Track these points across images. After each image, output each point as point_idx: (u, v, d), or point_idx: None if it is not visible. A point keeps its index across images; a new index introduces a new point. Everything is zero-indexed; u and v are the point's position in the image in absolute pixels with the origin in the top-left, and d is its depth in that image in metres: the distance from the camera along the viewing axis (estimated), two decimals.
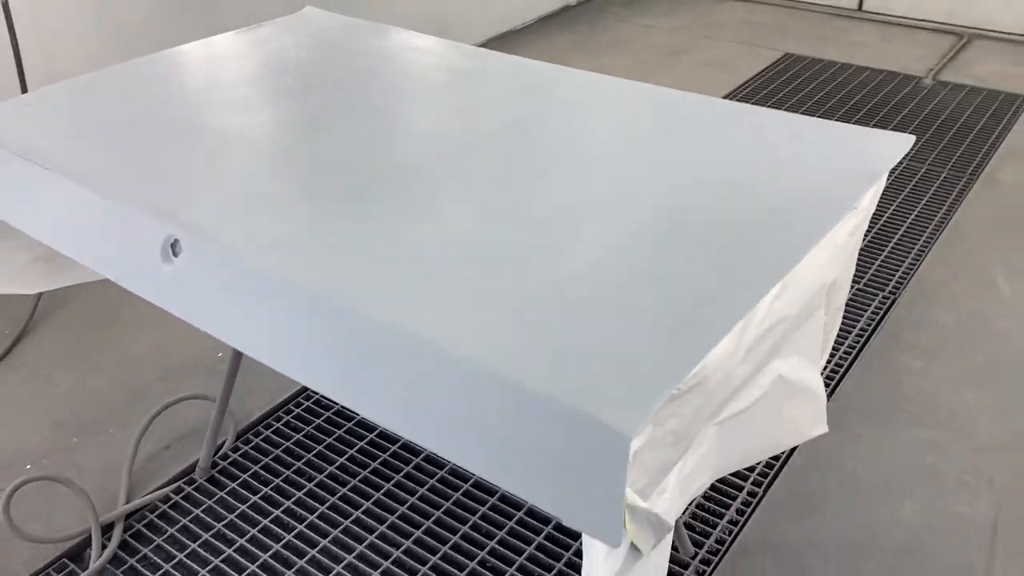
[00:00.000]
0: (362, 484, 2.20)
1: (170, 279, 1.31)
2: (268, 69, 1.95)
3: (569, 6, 5.82)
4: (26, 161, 1.52)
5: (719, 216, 1.31)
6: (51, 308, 2.91)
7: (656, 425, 1.05)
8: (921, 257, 3.12)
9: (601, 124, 1.65)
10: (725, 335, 1.09)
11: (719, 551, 2.03)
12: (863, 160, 1.46)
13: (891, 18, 5.45)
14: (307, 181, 1.47)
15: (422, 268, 1.20)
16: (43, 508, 2.16)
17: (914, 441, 2.34)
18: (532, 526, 2.08)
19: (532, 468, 0.98)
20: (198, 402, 2.49)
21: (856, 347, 2.68)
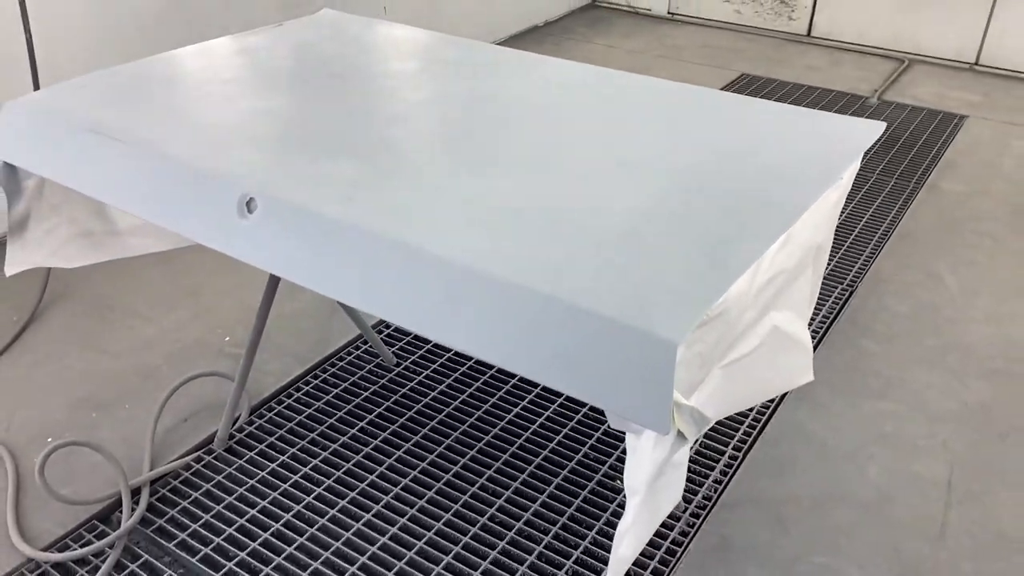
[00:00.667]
0: (373, 452, 2.36)
1: (246, 233, 1.47)
2: (298, 58, 2.12)
3: (536, 27, 6.08)
4: (99, 134, 1.67)
5: (728, 180, 1.53)
6: (56, 297, 3.00)
7: (688, 347, 1.25)
8: (875, 255, 3.40)
9: (617, 107, 1.87)
10: (744, 272, 1.29)
11: (706, 505, 2.23)
12: (843, 141, 1.70)
13: (838, 43, 5.82)
14: (365, 144, 1.65)
15: (478, 216, 1.39)
16: (70, 475, 2.26)
17: (875, 412, 2.58)
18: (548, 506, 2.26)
19: (595, 375, 1.17)
20: (211, 381, 2.62)
21: (819, 332, 2.93)
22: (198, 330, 2.87)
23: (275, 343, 2.80)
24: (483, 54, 2.19)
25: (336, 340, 2.83)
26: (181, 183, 1.55)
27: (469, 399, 2.57)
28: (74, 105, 1.82)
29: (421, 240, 1.33)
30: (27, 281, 2.95)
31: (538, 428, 2.46)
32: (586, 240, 1.34)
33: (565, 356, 1.19)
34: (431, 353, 2.77)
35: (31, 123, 1.79)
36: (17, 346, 2.77)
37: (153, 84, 1.94)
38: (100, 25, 3.34)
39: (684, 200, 1.47)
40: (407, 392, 2.60)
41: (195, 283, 3.11)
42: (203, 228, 1.51)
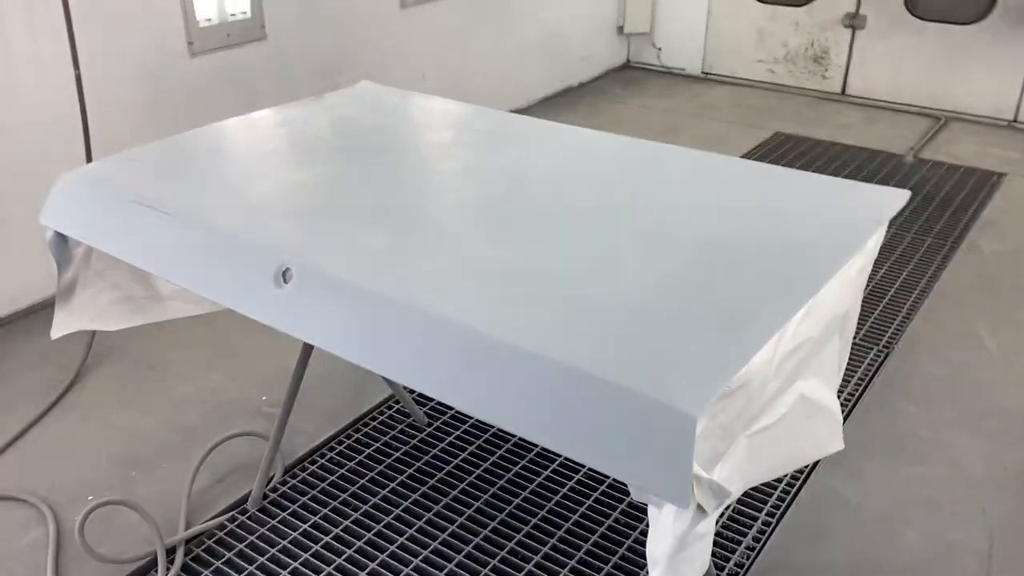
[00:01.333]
0: (403, 514, 2.37)
1: (282, 303, 1.52)
2: (336, 130, 2.20)
3: (571, 88, 6.20)
4: (143, 206, 1.75)
5: (749, 250, 1.55)
6: (99, 358, 3.09)
7: (710, 419, 1.26)
8: (911, 315, 3.37)
9: (643, 176, 1.91)
10: (765, 343, 1.31)
11: (738, 573, 2.20)
12: (868, 209, 1.71)
13: (873, 101, 5.84)
14: (398, 216, 1.71)
15: (508, 287, 1.43)
16: (108, 533, 2.31)
17: (912, 477, 2.54)
18: (568, 552, 2.25)
19: (614, 446, 1.19)
20: (246, 440, 2.66)
21: (855, 395, 2.90)
22: (235, 390, 2.93)
23: (309, 403, 2.85)
24: (513, 125, 2.26)
25: (368, 400, 2.87)
26: (220, 253, 1.62)
27: (499, 461, 2.58)
28: (121, 178, 1.91)
29: (447, 311, 1.37)
30: (72, 342, 3.03)
31: (566, 494, 2.46)
32: (608, 310, 1.37)
33: (585, 427, 1.21)
34: (461, 413, 2.79)
35: (81, 195, 1.88)
36: (62, 404, 2.85)
37: (197, 156, 2.03)
38: (150, 98, 3.49)
39: (706, 270, 1.49)
40: (437, 453, 2.62)
41: (232, 344, 3.18)
42: (240, 297, 1.57)
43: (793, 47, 6.03)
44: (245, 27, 3.80)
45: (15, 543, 2.30)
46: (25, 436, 2.70)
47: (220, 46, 3.70)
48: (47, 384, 2.94)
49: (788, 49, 6.05)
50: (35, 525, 2.35)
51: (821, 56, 5.94)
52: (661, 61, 6.60)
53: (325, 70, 4.22)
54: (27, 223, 3.22)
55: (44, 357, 3.08)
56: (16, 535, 2.32)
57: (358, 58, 4.41)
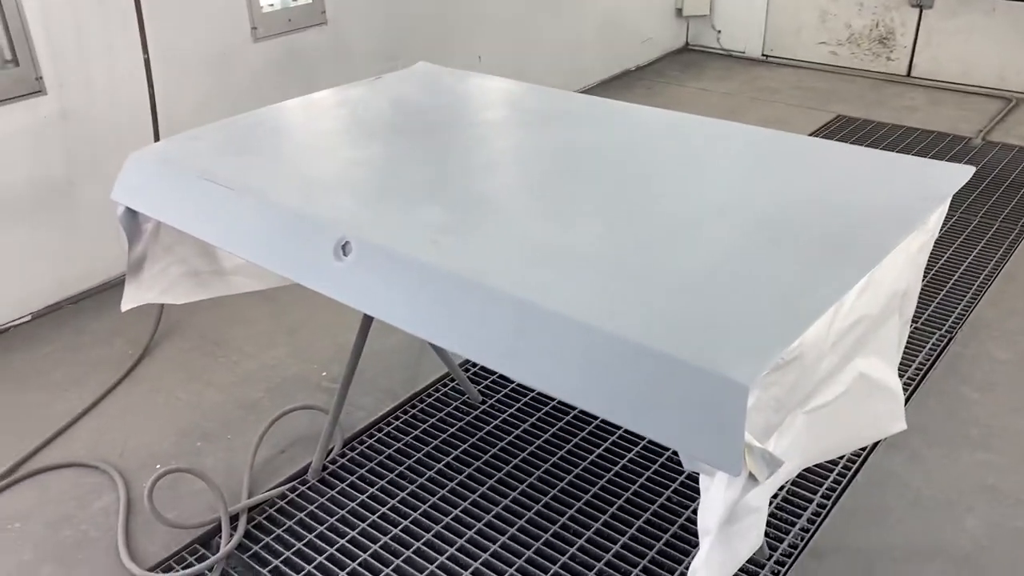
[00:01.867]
0: (458, 487, 2.41)
1: (341, 275, 1.56)
2: (394, 109, 2.24)
3: (628, 71, 6.16)
4: (209, 182, 1.81)
5: (808, 225, 1.54)
6: (167, 333, 3.20)
7: (763, 390, 1.26)
8: (976, 300, 3.29)
9: (699, 153, 1.91)
10: (820, 316, 1.30)
11: (792, 553, 2.19)
12: (929, 185, 1.68)
13: (940, 83, 5.68)
14: (454, 192, 1.73)
15: (562, 261, 1.44)
16: (175, 500, 2.40)
17: (975, 463, 2.49)
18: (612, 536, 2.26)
19: (667, 415, 1.20)
20: (306, 414, 2.74)
21: (916, 379, 2.84)
22: (296, 366, 3.01)
23: (367, 379, 2.91)
24: (569, 103, 2.26)
25: (425, 377, 2.92)
26: (282, 227, 1.66)
27: (552, 437, 2.60)
28: (188, 155, 1.98)
29: (502, 283, 1.39)
30: (141, 319, 3.15)
31: (620, 470, 2.47)
32: (663, 283, 1.38)
33: (638, 396, 1.23)
34: (515, 392, 2.82)
35: (150, 172, 1.95)
36: (131, 378, 2.96)
37: (260, 135, 2.09)
38: (215, 82, 3.58)
39: (762, 245, 1.49)
40: (492, 429, 2.65)
41: (294, 321, 3.26)
42: (301, 269, 1.62)
43: (857, 28, 5.89)
44: (306, 12, 3.86)
45: (88, 507, 2.40)
46: (97, 407, 2.81)
47: (282, 31, 3.78)
48: (117, 358, 3.05)
49: (852, 31, 5.91)
50: (106, 491, 2.46)
51: (886, 37, 5.79)
52: (720, 44, 6.51)
53: (383, 54, 4.27)
54: (98, 202, 3.35)
55: (114, 332, 3.20)
56: (89, 500, 2.43)
57: (416, 42, 4.45)
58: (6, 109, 3.01)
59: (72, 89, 3.16)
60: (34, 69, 3.05)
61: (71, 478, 2.51)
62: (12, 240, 3.16)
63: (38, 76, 3.06)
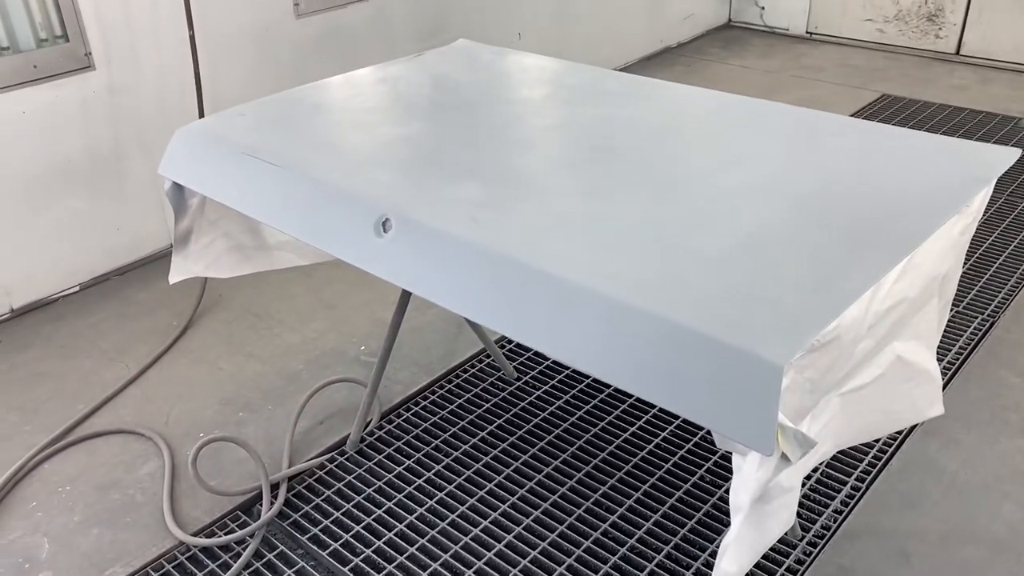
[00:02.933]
0: (492, 461, 2.45)
1: (382, 251, 1.59)
2: (434, 86, 2.26)
3: (669, 48, 6.10)
4: (254, 158, 1.84)
5: (848, 206, 1.53)
6: (210, 306, 3.27)
7: (798, 372, 1.27)
8: (1020, 285, 3.24)
9: (739, 132, 1.90)
10: (857, 298, 1.30)
11: (824, 535, 2.20)
12: (973, 168, 1.66)
13: (990, 61, 5.54)
14: (493, 169, 1.75)
15: (599, 238, 1.46)
16: (218, 468, 2.47)
17: (1013, 449, 2.47)
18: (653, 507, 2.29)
19: (701, 394, 1.22)
20: (345, 386, 2.79)
21: (956, 363, 2.81)
22: (335, 340, 3.06)
23: (404, 354, 2.95)
24: (607, 81, 2.26)
25: (461, 353, 2.95)
26: (325, 204, 1.70)
27: (586, 415, 2.62)
28: (233, 132, 2.01)
29: (539, 260, 1.41)
30: (185, 291, 3.23)
31: (653, 448, 2.49)
32: (700, 262, 1.39)
33: (673, 375, 1.24)
34: (550, 369, 2.84)
35: (196, 148, 2.00)
36: (175, 348, 3.03)
37: (303, 112, 2.12)
38: (258, 57, 3.62)
39: (801, 226, 1.49)
40: (526, 406, 2.68)
41: (333, 296, 3.31)
42: (343, 245, 1.65)
43: (905, 5, 5.76)
44: None
45: (135, 472, 2.48)
46: (143, 375, 2.89)
47: (325, 7, 3.80)
48: (163, 329, 3.13)
49: (900, 7, 5.79)
50: (152, 457, 2.53)
51: (935, 14, 5.66)
52: (764, 20, 6.41)
53: (424, 30, 4.28)
54: (145, 176, 3.42)
55: (159, 304, 3.27)
56: (135, 465, 2.51)
57: (456, 18, 4.45)
58: (57, 84, 3.08)
59: (120, 65, 3.22)
60: (84, 45, 3.11)
61: (118, 444, 2.59)
62: (62, 212, 3.24)
63: (87, 52, 3.13)
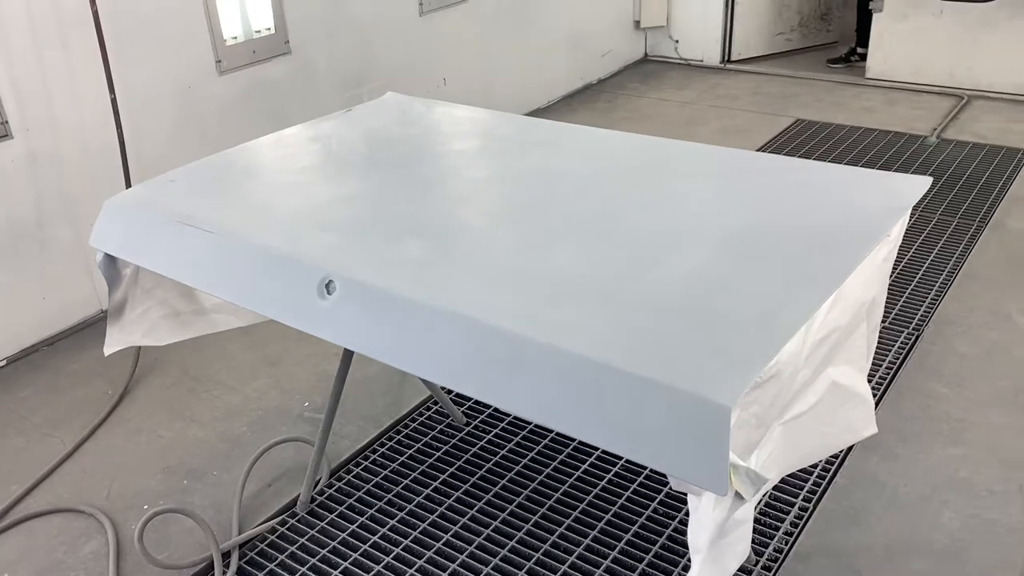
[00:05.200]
0: (447, 511, 2.44)
1: (326, 313, 1.59)
2: (367, 143, 2.27)
3: (591, 84, 6.24)
4: (187, 225, 1.83)
5: (775, 243, 1.60)
6: (146, 372, 3.19)
7: (743, 408, 1.31)
8: (940, 297, 3.38)
9: (664, 175, 1.96)
10: (795, 333, 1.36)
11: (778, 558, 2.25)
12: (890, 197, 1.75)
13: (894, 83, 5.82)
14: (432, 225, 1.77)
15: (541, 289, 1.49)
16: (165, 540, 2.40)
17: (947, 458, 2.57)
18: (609, 544, 2.30)
19: (652, 439, 1.25)
20: (292, 445, 2.75)
21: (887, 378, 2.92)
22: (278, 398, 3.02)
23: (350, 407, 2.93)
24: (537, 130, 2.31)
25: (408, 402, 2.94)
26: (265, 268, 1.69)
27: (537, 456, 2.64)
28: (164, 199, 1.99)
29: (483, 314, 1.43)
30: (119, 358, 3.13)
31: (606, 485, 2.51)
32: (640, 308, 1.43)
33: (623, 421, 1.27)
34: (498, 412, 2.85)
35: (127, 218, 1.97)
36: (112, 419, 2.95)
37: (235, 175, 2.11)
38: (182, 116, 3.59)
39: (734, 265, 1.54)
40: (477, 451, 2.68)
41: (274, 353, 3.27)
42: (286, 309, 1.64)
43: (806, 13, 6.32)
44: (270, 43, 3.88)
45: (77, 552, 2.39)
46: (80, 450, 2.80)
47: (247, 63, 3.79)
48: (98, 399, 3.04)
49: (802, 16, 6.33)
50: (95, 534, 2.45)
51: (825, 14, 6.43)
52: (679, 53, 6.62)
53: (348, 80, 4.30)
54: (70, 243, 3.34)
55: (93, 373, 3.18)
56: (78, 545, 2.42)
57: (380, 66, 4.48)
58: None
59: (39, 132, 3.15)
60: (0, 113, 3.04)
61: (58, 523, 2.50)
62: None
63: (3, 120, 3.06)
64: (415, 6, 4.62)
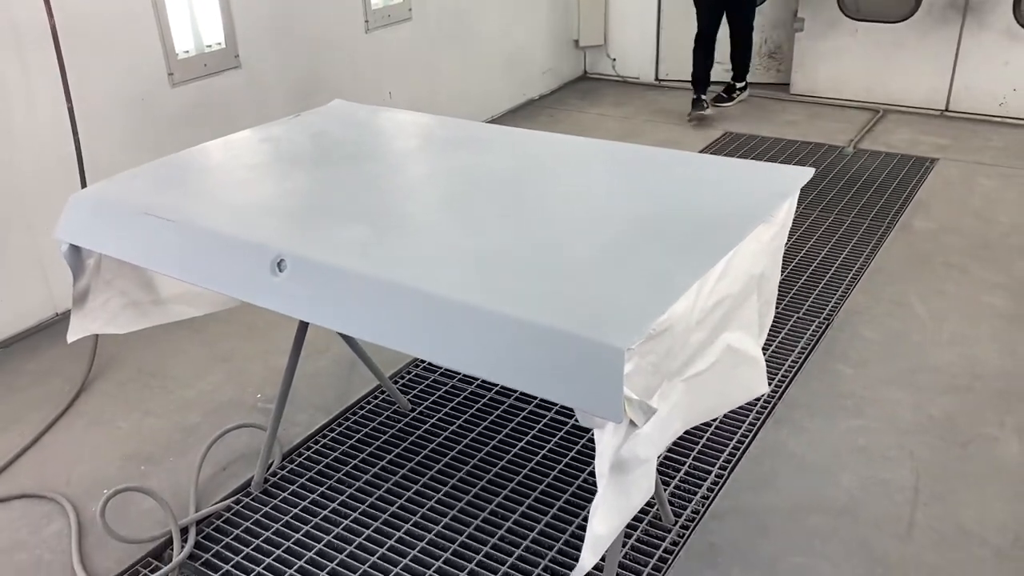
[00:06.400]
0: (393, 487, 2.62)
1: (279, 288, 1.78)
2: (314, 143, 2.47)
3: (532, 100, 6.50)
4: (151, 216, 2.01)
5: (672, 223, 1.84)
6: (103, 368, 3.32)
7: (641, 356, 1.54)
8: (850, 290, 3.68)
9: (585, 170, 2.20)
10: (683, 293, 1.59)
11: (695, 517, 2.48)
12: (777, 185, 2.01)
13: (817, 98, 6.19)
14: (375, 211, 1.98)
15: (470, 262, 1.70)
16: (125, 519, 2.54)
17: (849, 430, 2.83)
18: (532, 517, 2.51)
19: (563, 379, 1.46)
20: (245, 433, 2.91)
21: (799, 362, 3.19)
22: (231, 391, 3.17)
23: (302, 397, 3.10)
24: (473, 131, 2.53)
25: (356, 392, 3.13)
26: (221, 251, 1.87)
27: (478, 438, 2.84)
28: (126, 193, 2.16)
29: (421, 283, 1.63)
30: (75, 357, 3.27)
31: (539, 461, 2.72)
32: (554, 275, 1.65)
33: (539, 366, 1.48)
34: (442, 399, 3.05)
35: (93, 210, 2.13)
36: (70, 412, 3.08)
37: (192, 172, 2.29)
38: (136, 126, 3.74)
39: (636, 241, 1.77)
40: (421, 434, 2.87)
41: (226, 350, 3.42)
42: (241, 287, 1.83)
43: None
44: (220, 57, 4.05)
45: (40, 533, 2.52)
46: (39, 442, 2.92)
47: (198, 75, 3.96)
48: (55, 395, 3.16)
49: None
50: (57, 517, 2.58)
51: (774, 52, 6.32)
52: (616, 71, 6.93)
53: (297, 93, 4.49)
54: (25, 248, 3.46)
55: (50, 372, 3.30)
56: (40, 526, 2.55)
57: (327, 81, 4.68)
58: None
59: None
60: None
61: (20, 508, 2.63)
62: None
63: None
64: (361, 23, 4.84)
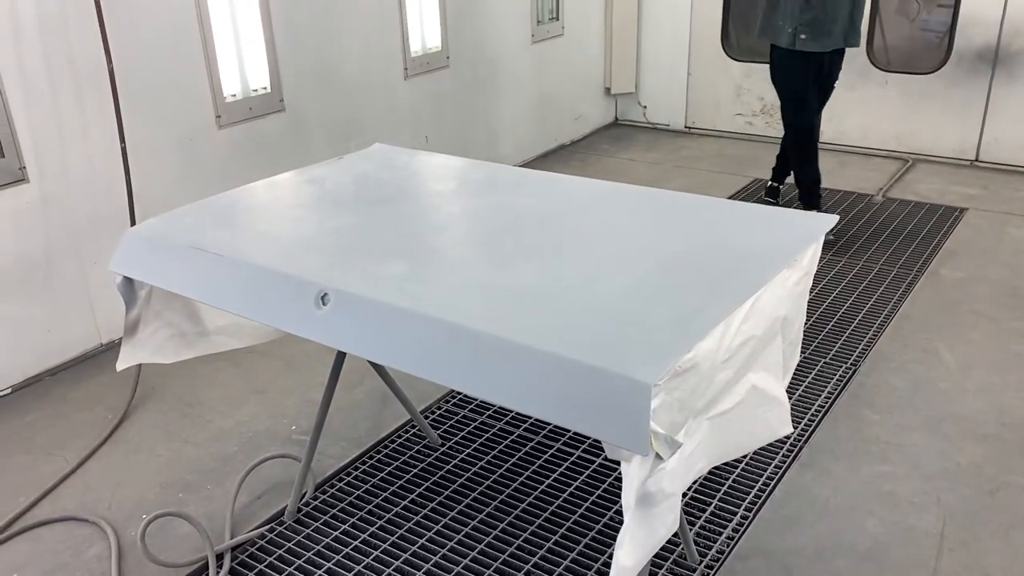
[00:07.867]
0: (422, 520, 2.68)
1: (322, 321, 1.87)
2: (357, 184, 2.58)
3: (563, 145, 6.64)
4: (202, 250, 2.12)
5: (700, 265, 1.91)
6: (143, 399, 3.43)
7: (667, 393, 1.60)
8: (878, 336, 3.71)
9: (616, 213, 2.28)
10: (710, 331, 1.65)
11: (720, 558, 2.50)
12: (801, 231, 2.07)
13: (846, 147, 6.26)
14: (413, 249, 2.08)
15: (505, 299, 1.78)
16: (163, 544, 2.62)
17: (875, 475, 2.85)
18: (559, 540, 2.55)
19: (591, 414, 1.53)
20: (279, 463, 2.99)
21: (825, 407, 3.22)
22: (267, 422, 3.26)
23: (334, 431, 3.17)
24: (506, 174, 2.63)
25: (387, 426, 3.20)
26: (268, 284, 1.97)
27: (506, 473, 2.89)
28: (178, 229, 2.28)
29: (456, 317, 1.72)
30: (118, 387, 3.39)
31: (567, 498, 2.77)
32: (584, 313, 1.72)
33: (568, 400, 1.55)
34: (471, 434, 3.11)
35: (146, 245, 2.25)
36: (112, 440, 3.18)
37: (240, 210, 2.41)
38: (184, 165, 3.90)
39: (662, 280, 1.85)
40: (451, 469, 2.93)
41: (263, 383, 3.52)
42: (287, 319, 1.92)
43: (770, 100, 6.47)
44: (266, 100, 4.22)
45: (81, 556, 2.61)
46: (82, 467, 3.02)
47: (244, 118, 4.12)
48: (98, 423, 3.27)
49: (765, 102, 6.49)
50: (97, 540, 2.67)
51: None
52: (647, 118, 7.05)
53: (338, 136, 4.64)
54: (75, 280, 3.60)
55: (93, 400, 3.42)
56: (82, 549, 2.63)
57: (367, 124, 4.83)
58: None
59: (52, 177, 3.44)
60: (18, 160, 3.33)
61: (63, 531, 2.72)
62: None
63: (21, 166, 3.34)
64: (400, 70, 5.00)
